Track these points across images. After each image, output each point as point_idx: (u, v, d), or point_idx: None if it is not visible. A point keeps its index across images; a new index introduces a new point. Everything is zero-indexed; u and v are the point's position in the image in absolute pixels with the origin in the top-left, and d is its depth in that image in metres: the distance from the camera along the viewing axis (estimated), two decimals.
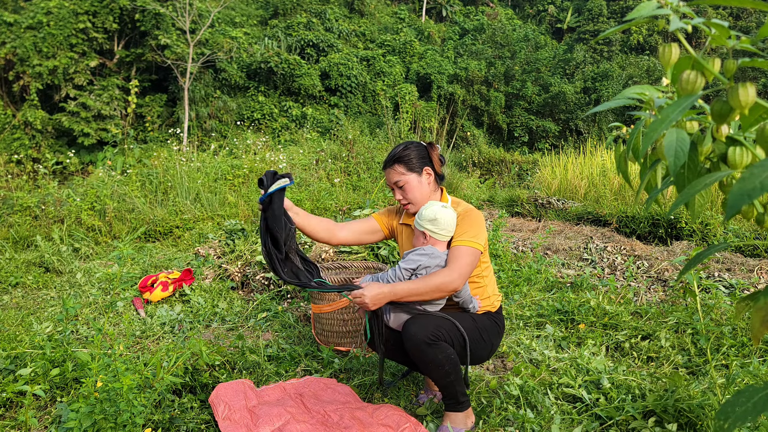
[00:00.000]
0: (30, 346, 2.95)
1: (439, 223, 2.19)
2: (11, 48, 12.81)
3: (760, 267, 4.36)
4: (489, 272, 2.39)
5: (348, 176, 8.70)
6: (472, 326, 2.21)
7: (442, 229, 2.19)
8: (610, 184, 7.60)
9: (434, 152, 2.36)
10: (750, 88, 0.85)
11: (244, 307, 3.96)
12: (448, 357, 2.08)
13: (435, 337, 2.06)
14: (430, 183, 2.34)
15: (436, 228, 2.19)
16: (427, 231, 2.21)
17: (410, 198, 2.31)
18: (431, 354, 2.06)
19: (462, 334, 2.13)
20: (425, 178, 2.31)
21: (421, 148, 2.35)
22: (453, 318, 2.15)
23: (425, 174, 2.31)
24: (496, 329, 2.32)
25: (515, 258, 4.80)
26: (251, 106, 15.58)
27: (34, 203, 6.65)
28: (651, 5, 0.91)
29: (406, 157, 2.30)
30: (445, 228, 2.20)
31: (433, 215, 2.20)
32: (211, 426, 2.33)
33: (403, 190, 2.32)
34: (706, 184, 0.88)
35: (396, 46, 20.36)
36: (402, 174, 2.30)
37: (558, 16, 26.96)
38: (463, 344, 2.15)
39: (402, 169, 2.30)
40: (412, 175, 2.30)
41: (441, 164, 2.39)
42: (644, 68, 18.92)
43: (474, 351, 2.21)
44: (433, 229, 2.20)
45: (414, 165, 2.30)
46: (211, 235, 5.76)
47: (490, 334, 2.28)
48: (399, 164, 2.31)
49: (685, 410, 2.17)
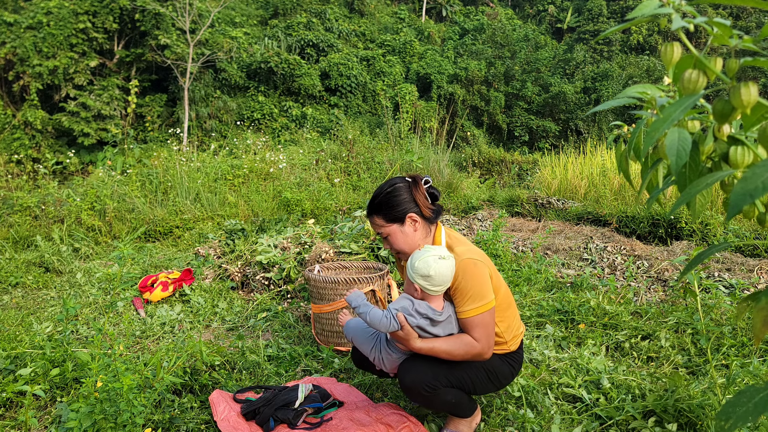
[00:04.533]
0: (30, 346, 2.95)
1: (433, 279, 1.93)
2: (11, 48, 12.80)
3: (760, 267, 4.36)
4: (506, 312, 2.11)
5: (348, 176, 8.70)
6: (478, 369, 2.04)
7: (436, 285, 1.94)
8: (610, 184, 7.60)
9: (419, 191, 2.08)
10: (752, 88, 0.85)
11: (244, 307, 3.96)
12: (451, 397, 2.00)
13: (433, 387, 1.95)
14: (417, 229, 2.07)
15: (429, 284, 1.94)
16: (419, 286, 1.97)
17: (396, 248, 2.10)
18: (434, 401, 2.00)
19: (464, 373, 2.01)
20: (409, 227, 2.06)
21: (403, 189, 2.07)
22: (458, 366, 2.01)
23: (409, 221, 2.05)
24: (509, 371, 2.12)
25: (515, 258, 4.80)
26: (251, 106, 15.58)
27: (34, 203, 6.65)
28: (653, 4, 0.91)
29: (386, 206, 2.06)
30: (440, 284, 1.95)
31: (426, 270, 1.93)
32: (211, 426, 2.33)
33: (388, 241, 2.11)
34: (708, 183, 0.88)
35: (396, 46, 20.36)
36: (382, 226, 2.08)
37: (558, 16, 26.95)
38: (468, 382, 2.03)
39: (381, 220, 2.07)
40: (394, 225, 2.06)
41: (430, 201, 2.11)
42: (644, 68, 18.90)
43: (480, 391, 2.09)
44: (426, 285, 1.95)
45: (394, 214, 2.05)
46: (211, 235, 5.76)
47: (499, 375, 2.10)
48: (377, 216, 2.08)
49: (685, 410, 2.17)
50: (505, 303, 2.10)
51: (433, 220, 2.12)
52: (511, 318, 2.14)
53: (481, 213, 7.12)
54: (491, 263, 2.12)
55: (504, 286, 2.13)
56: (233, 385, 2.67)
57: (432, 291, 1.96)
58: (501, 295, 2.08)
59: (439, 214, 2.15)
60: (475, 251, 2.04)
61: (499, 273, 2.16)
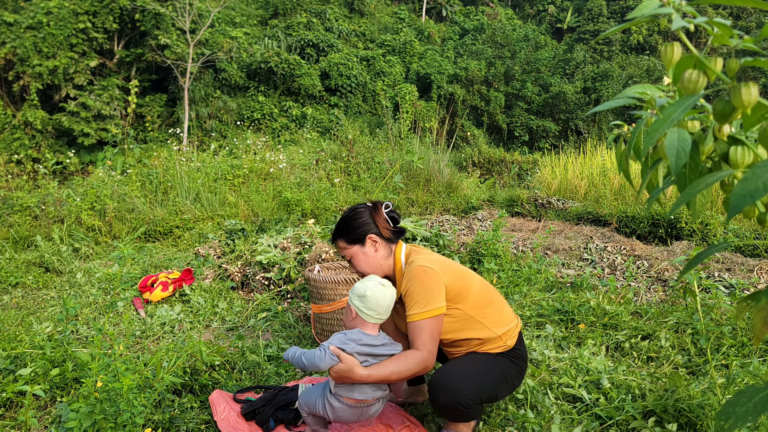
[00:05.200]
0: (30, 346, 2.95)
1: (367, 301, 1.97)
2: (11, 48, 12.80)
3: (760, 267, 4.36)
4: (486, 309, 2.14)
5: (348, 176, 8.70)
6: (498, 376, 2.08)
7: (370, 310, 1.97)
8: (610, 184, 7.60)
9: (379, 215, 2.18)
10: (753, 88, 0.85)
11: (244, 307, 3.96)
12: (476, 414, 2.04)
13: (467, 406, 1.97)
14: (378, 250, 2.16)
15: (363, 306, 1.98)
16: (354, 307, 2.00)
17: (360, 270, 2.19)
18: (466, 415, 2.02)
19: (492, 388, 2.04)
20: (370, 247, 2.16)
21: (364, 213, 2.18)
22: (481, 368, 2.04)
23: (369, 242, 2.15)
24: (515, 370, 2.17)
25: (515, 258, 4.80)
26: (251, 106, 15.58)
27: (34, 203, 6.65)
28: (653, 4, 0.91)
29: (346, 229, 2.18)
30: (373, 309, 1.97)
31: (362, 291, 1.98)
32: (211, 426, 2.33)
33: (352, 264, 2.21)
34: (708, 183, 0.88)
35: (396, 46, 20.36)
36: (344, 248, 2.19)
37: (558, 16, 26.95)
38: (492, 391, 2.05)
39: (344, 243, 2.18)
40: (355, 247, 2.16)
41: (391, 224, 2.20)
42: (644, 68, 18.90)
43: (501, 397, 2.14)
44: (361, 306, 1.98)
45: (355, 236, 2.16)
46: (211, 235, 5.76)
47: (507, 376, 2.13)
48: (340, 239, 2.20)
49: (685, 410, 2.17)
50: (484, 300, 2.14)
51: (394, 241, 2.21)
52: (495, 313, 2.15)
53: (481, 213, 7.12)
54: (458, 271, 2.13)
55: (477, 286, 2.15)
56: (233, 385, 2.67)
57: (366, 314, 1.98)
58: (474, 295, 2.11)
59: (400, 235, 2.22)
60: (431, 260, 2.09)
61: (471, 274, 2.18)
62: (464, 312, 2.08)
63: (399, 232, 2.22)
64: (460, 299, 2.07)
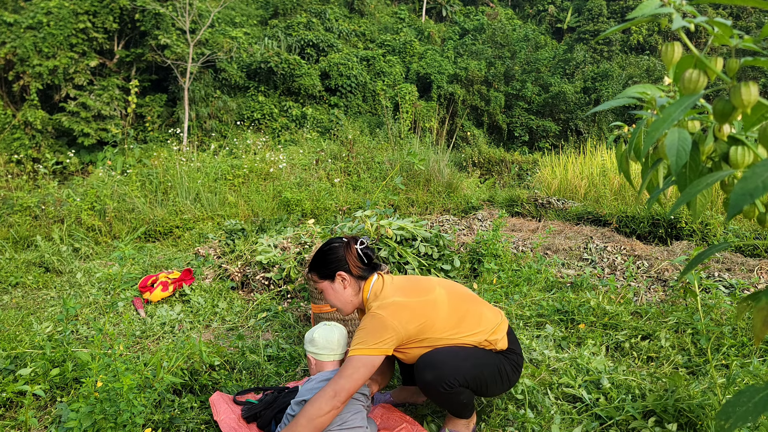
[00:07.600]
0: (30, 346, 2.95)
1: (317, 342, 2.17)
2: (11, 48, 12.80)
3: (760, 267, 4.36)
4: (460, 326, 2.10)
5: (348, 176, 8.70)
6: (492, 368, 2.11)
7: (323, 349, 2.16)
8: (610, 184, 7.60)
9: (351, 252, 2.22)
10: (753, 87, 0.85)
11: (244, 307, 3.96)
12: (464, 398, 2.06)
13: (451, 385, 1.99)
14: (347, 287, 2.20)
15: (315, 349, 2.18)
16: (310, 355, 2.19)
17: (331, 303, 2.26)
18: (449, 399, 2.04)
19: (481, 373, 2.07)
20: (339, 284, 2.20)
21: (338, 249, 2.22)
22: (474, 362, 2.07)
23: (339, 279, 2.19)
24: (511, 368, 2.20)
25: (515, 258, 4.80)
26: (251, 106, 15.58)
27: (34, 203, 6.65)
28: (653, 4, 0.91)
29: (319, 264, 2.23)
30: (326, 347, 2.16)
31: (310, 336, 2.19)
32: (211, 426, 2.33)
33: (323, 297, 2.30)
34: (708, 183, 0.88)
35: (396, 46, 20.36)
36: (317, 282, 2.25)
37: (558, 16, 26.95)
38: (482, 382, 2.08)
39: (316, 277, 2.25)
40: (325, 282, 2.22)
41: (363, 262, 2.22)
42: (644, 68, 18.91)
43: (491, 392, 2.16)
44: (314, 350, 2.18)
45: (325, 272, 2.21)
46: (211, 235, 5.76)
47: (502, 374, 2.15)
48: (312, 273, 2.26)
49: (685, 410, 2.17)
50: (453, 320, 2.11)
51: (364, 278, 2.22)
52: (472, 323, 2.14)
53: (481, 213, 7.12)
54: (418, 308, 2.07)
55: (444, 312, 2.11)
56: (233, 386, 2.67)
57: (322, 355, 2.17)
58: (440, 321, 2.08)
59: (373, 270, 2.23)
60: (385, 305, 2.05)
61: (436, 298, 2.12)
62: (434, 337, 2.07)
63: (370, 268, 2.24)
64: (424, 333, 2.06)
